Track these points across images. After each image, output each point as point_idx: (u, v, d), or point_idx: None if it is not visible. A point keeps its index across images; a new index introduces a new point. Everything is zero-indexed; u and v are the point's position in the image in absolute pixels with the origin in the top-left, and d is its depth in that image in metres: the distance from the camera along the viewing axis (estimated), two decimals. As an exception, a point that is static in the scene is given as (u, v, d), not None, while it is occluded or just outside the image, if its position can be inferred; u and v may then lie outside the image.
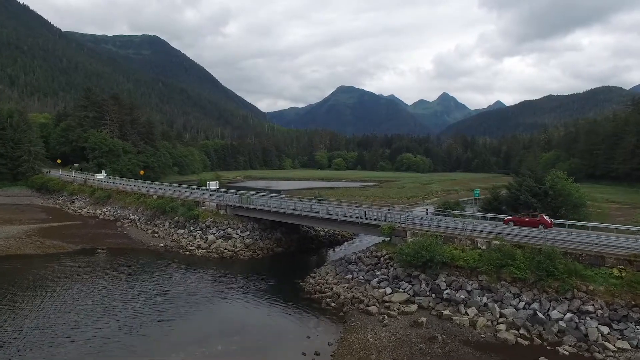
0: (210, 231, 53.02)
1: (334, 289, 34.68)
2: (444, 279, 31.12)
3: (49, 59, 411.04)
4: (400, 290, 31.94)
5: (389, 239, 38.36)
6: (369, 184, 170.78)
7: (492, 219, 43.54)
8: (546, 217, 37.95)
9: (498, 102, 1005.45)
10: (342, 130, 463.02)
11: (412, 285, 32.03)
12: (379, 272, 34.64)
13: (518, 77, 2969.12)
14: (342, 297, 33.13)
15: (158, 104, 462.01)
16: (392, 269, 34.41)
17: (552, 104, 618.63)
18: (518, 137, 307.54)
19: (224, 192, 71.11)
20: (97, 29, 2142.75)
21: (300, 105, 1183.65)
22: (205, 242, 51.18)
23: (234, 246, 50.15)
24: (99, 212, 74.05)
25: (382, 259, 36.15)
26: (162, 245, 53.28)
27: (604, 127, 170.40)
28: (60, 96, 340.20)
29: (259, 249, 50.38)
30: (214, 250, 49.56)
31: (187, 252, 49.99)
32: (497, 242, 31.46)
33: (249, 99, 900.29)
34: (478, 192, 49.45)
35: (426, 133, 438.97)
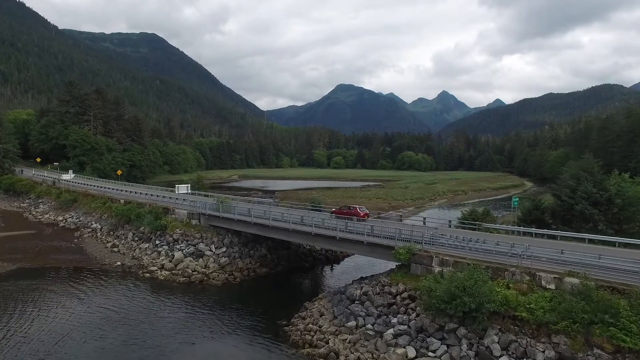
0: (177, 246, 42.19)
1: (331, 342, 23.91)
2: (496, 338, 20.33)
3: (44, 56, 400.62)
4: (430, 353, 21.15)
5: (406, 265, 27.59)
6: (370, 183, 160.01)
7: (538, 235, 32.84)
8: (360, 210, 40.79)
9: (498, 100, 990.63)
10: (341, 128, 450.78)
11: (448, 345, 21.24)
12: (395, 320, 23.82)
13: (518, 75, 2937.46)
14: (341, 356, 22.43)
15: (155, 101, 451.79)
16: (414, 315, 23.61)
17: (552, 102, 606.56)
18: (522, 135, 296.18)
19: (206, 195, 60.48)
20: (95, 27, 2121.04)
21: (300, 104, 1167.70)
22: (170, 261, 40.36)
23: (205, 267, 39.38)
24: (61, 218, 63.18)
25: (398, 297, 25.32)
26: (119, 263, 42.50)
27: (619, 123, 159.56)
28: (55, 94, 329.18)
29: (237, 270, 39.59)
30: (180, 272, 38.79)
31: (148, 274, 39.21)
32: (574, 279, 20.69)
33: (248, 97, 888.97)
34: (517, 200, 38.23)
35: (425, 131, 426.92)
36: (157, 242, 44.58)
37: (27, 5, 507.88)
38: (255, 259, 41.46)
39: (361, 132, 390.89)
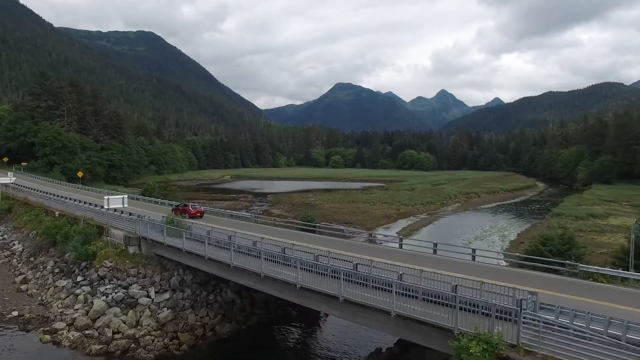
0: (102, 289, 27.95)
1: None
2: None
3: (37, 54, 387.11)
4: None
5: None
6: (372, 184, 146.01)
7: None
8: (191, 207, 40.42)
9: (497, 99, 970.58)
10: (340, 127, 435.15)
11: None
12: None
13: (516, 73, 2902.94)
14: None
15: (151, 100, 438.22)
16: None
17: (552, 100, 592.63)
18: (527, 133, 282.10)
19: (170, 204, 46.24)
20: (92, 25, 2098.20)
21: (298, 103, 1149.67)
22: (86, 314, 26.15)
23: (136, 325, 25.17)
24: (-14, 235, 48.88)
25: None
26: (15, 314, 28.20)
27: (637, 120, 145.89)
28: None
29: (186, 328, 25.40)
30: (97, 332, 24.59)
31: (49, 335, 25.01)
32: None
33: (246, 96, 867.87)
34: (638, 228, 23.41)
35: (425, 130, 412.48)
36: (80, 278, 30.38)
37: (20, 2, 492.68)
38: (216, 308, 27.21)
39: (360, 131, 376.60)
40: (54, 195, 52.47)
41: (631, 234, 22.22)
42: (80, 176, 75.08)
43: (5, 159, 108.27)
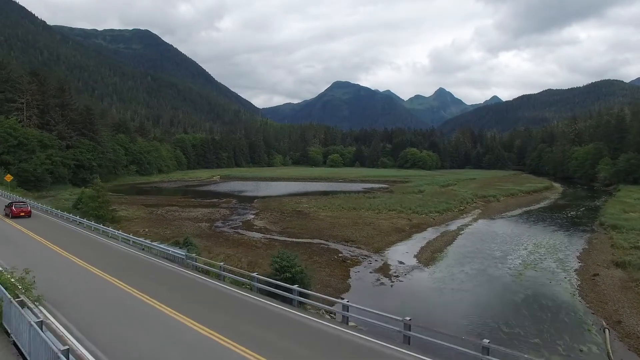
0: None
1: None
2: None
3: (28, 51, 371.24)
4: None
5: None
6: (374, 185, 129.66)
7: None
8: (14, 207, 37.78)
9: (495, 97, 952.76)
10: (338, 125, 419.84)
11: None
12: None
13: (514, 71, 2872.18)
14: None
15: (145, 98, 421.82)
16: None
17: (551, 98, 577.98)
18: (533, 131, 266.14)
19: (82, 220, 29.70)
20: (88, 23, 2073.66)
21: (296, 101, 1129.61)
22: None
23: None
24: None
25: None
26: None
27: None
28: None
29: None
30: None
31: None
32: None
33: (244, 95, 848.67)
34: None
35: (423, 128, 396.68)
36: None
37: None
38: None
39: (359, 129, 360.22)
40: None
41: None
42: (9, 180, 58.55)
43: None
